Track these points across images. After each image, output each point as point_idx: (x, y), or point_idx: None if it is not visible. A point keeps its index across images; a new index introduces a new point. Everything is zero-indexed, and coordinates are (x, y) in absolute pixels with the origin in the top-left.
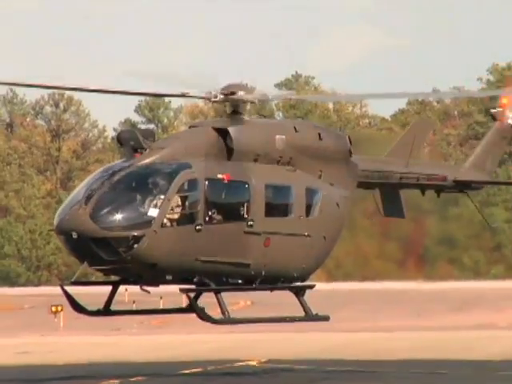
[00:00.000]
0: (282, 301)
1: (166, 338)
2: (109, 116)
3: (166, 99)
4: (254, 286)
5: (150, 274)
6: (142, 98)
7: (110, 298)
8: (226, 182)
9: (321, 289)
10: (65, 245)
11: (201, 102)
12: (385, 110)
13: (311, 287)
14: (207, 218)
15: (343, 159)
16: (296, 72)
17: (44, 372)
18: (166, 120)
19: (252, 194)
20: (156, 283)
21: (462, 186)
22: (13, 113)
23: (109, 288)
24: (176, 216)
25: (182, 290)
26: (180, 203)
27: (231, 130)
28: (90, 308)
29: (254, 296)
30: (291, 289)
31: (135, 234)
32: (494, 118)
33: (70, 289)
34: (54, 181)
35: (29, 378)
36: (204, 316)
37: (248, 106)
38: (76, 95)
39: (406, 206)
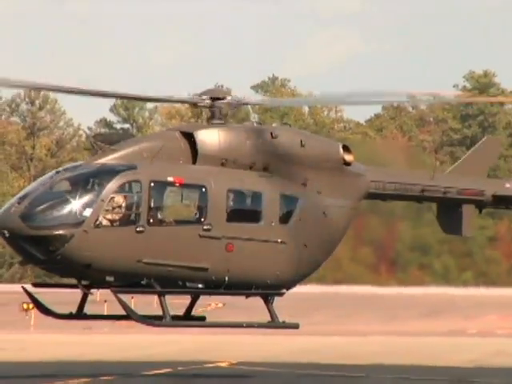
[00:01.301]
0: (254, 304)
1: (136, 337)
2: (84, 115)
3: None
4: (219, 290)
5: (86, 274)
6: None
7: (83, 301)
8: (177, 185)
9: (294, 292)
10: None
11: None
12: (360, 114)
13: (281, 294)
14: (151, 220)
15: (335, 167)
16: (273, 74)
17: (14, 369)
18: (141, 120)
19: (210, 198)
20: (99, 284)
21: (503, 202)
22: None
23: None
24: (113, 217)
25: (113, 291)
26: (119, 204)
27: (196, 134)
28: (59, 311)
29: (227, 298)
30: (260, 295)
31: (62, 233)
32: None
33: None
34: (27, 178)
35: None
36: (140, 319)
37: (229, 112)
38: (52, 93)
39: (379, 211)
